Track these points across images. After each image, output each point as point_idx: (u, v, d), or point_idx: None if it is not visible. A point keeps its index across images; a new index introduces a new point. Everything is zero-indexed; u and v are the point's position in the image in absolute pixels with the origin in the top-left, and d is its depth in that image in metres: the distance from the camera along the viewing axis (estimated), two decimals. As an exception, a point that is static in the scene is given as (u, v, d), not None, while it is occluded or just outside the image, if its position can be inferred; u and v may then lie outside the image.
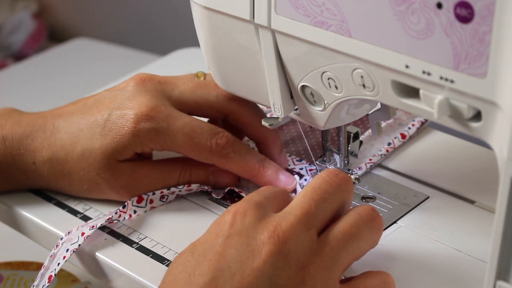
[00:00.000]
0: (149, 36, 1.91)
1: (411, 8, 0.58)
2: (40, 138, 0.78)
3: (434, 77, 0.59)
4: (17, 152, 0.78)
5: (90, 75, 1.63)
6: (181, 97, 0.78)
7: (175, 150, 0.77)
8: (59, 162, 0.77)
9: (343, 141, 0.78)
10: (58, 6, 2.09)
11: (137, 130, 0.75)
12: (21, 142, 0.78)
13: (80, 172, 0.77)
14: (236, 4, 0.69)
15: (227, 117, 0.80)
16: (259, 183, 0.78)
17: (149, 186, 0.77)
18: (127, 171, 0.77)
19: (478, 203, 0.76)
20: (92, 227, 0.74)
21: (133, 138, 0.75)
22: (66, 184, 0.79)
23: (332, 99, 0.70)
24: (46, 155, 0.78)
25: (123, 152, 0.76)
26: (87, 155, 0.76)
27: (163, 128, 0.75)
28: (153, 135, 0.75)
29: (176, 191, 0.78)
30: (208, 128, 0.76)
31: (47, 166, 0.78)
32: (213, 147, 0.76)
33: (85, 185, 0.78)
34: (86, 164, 0.76)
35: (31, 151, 0.78)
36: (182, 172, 0.78)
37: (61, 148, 0.77)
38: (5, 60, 1.95)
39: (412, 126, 0.85)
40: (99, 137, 0.76)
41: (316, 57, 0.67)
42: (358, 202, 0.77)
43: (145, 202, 0.77)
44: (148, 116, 0.75)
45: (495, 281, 0.58)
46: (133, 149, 0.76)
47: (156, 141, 0.76)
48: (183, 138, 0.76)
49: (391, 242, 0.72)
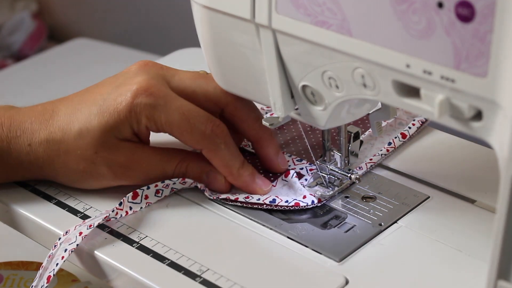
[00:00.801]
0: (149, 36, 1.91)
1: (412, 8, 0.58)
2: (38, 122, 0.78)
3: (435, 77, 0.59)
4: (13, 135, 0.78)
5: (90, 75, 1.63)
6: (180, 84, 0.79)
7: (168, 130, 0.77)
8: (56, 142, 0.78)
9: (343, 141, 0.78)
10: (58, 6, 2.09)
11: (135, 105, 0.75)
12: (18, 127, 0.79)
13: (77, 151, 0.77)
14: (237, 3, 0.69)
15: (223, 111, 0.80)
16: (235, 184, 0.79)
17: (147, 171, 0.78)
18: (127, 150, 0.77)
19: (479, 203, 0.76)
20: (90, 226, 0.74)
21: (130, 112, 0.76)
22: (61, 165, 0.78)
23: (332, 99, 0.70)
24: (43, 135, 0.78)
25: (121, 128, 0.76)
26: (85, 133, 0.76)
27: (160, 105, 0.76)
28: (150, 110, 0.76)
29: (170, 184, 0.78)
30: (205, 114, 0.77)
31: (43, 146, 0.78)
32: (207, 132, 0.76)
33: (81, 164, 0.77)
34: (84, 142, 0.77)
35: (28, 133, 0.78)
36: (180, 163, 0.79)
37: (59, 128, 0.78)
38: (5, 60, 1.96)
39: (413, 125, 0.85)
40: (97, 115, 0.76)
41: (317, 56, 0.67)
42: (358, 202, 0.77)
43: (140, 197, 0.77)
44: (147, 92, 0.76)
45: (496, 280, 0.58)
46: (130, 125, 0.76)
47: (151, 118, 0.76)
48: (179, 117, 0.76)
49: (391, 242, 0.72)
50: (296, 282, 0.69)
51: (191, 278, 0.70)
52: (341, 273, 0.69)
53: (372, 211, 0.76)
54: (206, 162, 0.79)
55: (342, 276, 0.69)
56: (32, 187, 0.82)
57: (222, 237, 0.75)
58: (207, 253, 0.72)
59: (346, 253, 0.71)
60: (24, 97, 1.61)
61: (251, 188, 0.78)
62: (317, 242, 0.73)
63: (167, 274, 0.71)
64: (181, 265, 0.71)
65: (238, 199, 0.77)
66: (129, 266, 0.72)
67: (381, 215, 0.75)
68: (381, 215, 0.75)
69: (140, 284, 0.71)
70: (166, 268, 0.71)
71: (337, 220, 0.75)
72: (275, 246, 0.73)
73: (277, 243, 0.73)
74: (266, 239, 0.74)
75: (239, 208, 0.77)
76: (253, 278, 0.69)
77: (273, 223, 0.75)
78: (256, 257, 0.72)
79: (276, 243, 0.73)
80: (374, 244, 0.72)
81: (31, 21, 2.02)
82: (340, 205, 0.77)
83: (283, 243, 0.73)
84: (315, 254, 0.72)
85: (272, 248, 0.73)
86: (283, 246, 0.73)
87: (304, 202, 0.76)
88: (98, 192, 0.80)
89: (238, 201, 0.77)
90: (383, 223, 0.74)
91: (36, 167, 0.79)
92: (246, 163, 0.79)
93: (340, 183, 0.78)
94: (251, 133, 0.80)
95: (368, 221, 0.74)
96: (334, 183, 0.78)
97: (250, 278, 0.69)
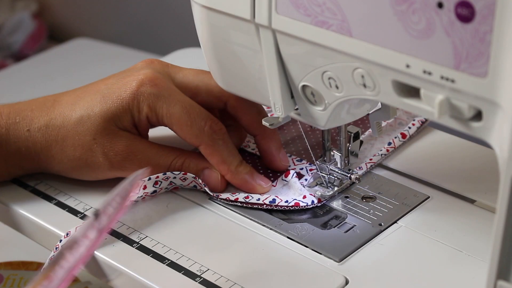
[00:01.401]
0: (149, 36, 1.91)
1: (411, 8, 0.58)
2: (39, 109, 0.79)
3: (435, 77, 0.59)
4: (12, 121, 0.79)
5: (90, 75, 1.62)
6: (184, 79, 0.80)
7: (168, 122, 0.77)
8: (55, 127, 0.78)
9: (343, 141, 0.78)
10: (58, 6, 2.09)
11: (139, 93, 0.77)
12: (18, 114, 0.79)
13: (75, 137, 0.77)
14: (237, 3, 0.69)
15: (226, 105, 0.81)
16: (233, 182, 0.79)
17: (141, 163, 0.78)
18: (124, 140, 0.77)
19: (479, 203, 0.76)
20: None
21: (133, 100, 0.77)
22: (58, 151, 0.78)
23: (332, 99, 0.70)
24: (43, 121, 0.78)
25: (122, 116, 0.77)
26: (86, 119, 0.77)
27: (164, 96, 0.77)
28: (153, 99, 0.76)
29: (170, 177, 0.78)
30: (206, 112, 0.78)
31: (42, 132, 0.78)
32: (206, 128, 0.77)
33: (77, 151, 0.78)
34: (83, 128, 0.77)
35: (28, 120, 0.79)
36: (176, 159, 0.79)
37: (59, 115, 0.78)
38: (5, 60, 1.95)
39: (413, 125, 0.85)
40: (100, 102, 0.77)
41: (317, 56, 0.67)
42: (358, 202, 0.77)
43: (139, 188, 0.77)
44: (152, 82, 0.77)
45: (496, 280, 0.58)
46: (131, 114, 0.77)
47: (153, 108, 0.77)
48: (180, 110, 0.77)
49: (391, 242, 0.72)
50: (296, 282, 0.69)
51: (191, 278, 0.70)
52: (341, 273, 0.69)
53: (372, 211, 0.76)
54: (203, 159, 0.79)
55: (342, 276, 0.69)
56: (32, 188, 0.82)
57: (222, 237, 0.75)
58: (207, 253, 0.72)
59: (346, 253, 0.71)
60: (24, 97, 1.60)
61: (249, 186, 0.78)
62: (317, 242, 0.73)
63: (167, 274, 0.71)
64: (181, 265, 0.71)
65: (238, 199, 0.77)
66: (129, 266, 0.72)
67: (381, 215, 0.75)
68: (381, 215, 0.75)
69: (140, 284, 0.71)
70: (166, 268, 0.71)
71: (337, 220, 0.75)
72: (275, 246, 0.73)
73: (277, 243, 0.73)
74: (266, 239, 0.74)
75: (239, 208, 0.77)
76: (253, 278, 0.69)
77: (273, 223, 0.75)
78: (256, 257, 0.72)
79: (276, 243, 0.73)
80: (374, 244, 0.72)
81: (31, 21, 2.02)
82: (340, 205, 0.77)
83: (283, 243, 0.73)
84: (315, 254, 0.72)
85: (272, 248, 0.73)
86: (283, 246, 0.73)
87: (304, 202, 0.76)
88: (98, 193, 0.80)
89: (238, 201, 0.77)
90: (383, 223, 0.74)
91: (33, 153, 0.79)
92: (245, 162, 0.80)
93: (340, 183, 0.78)
94: (254, 126, 0.81)
95: (368, 221, 0.74)
96: (334, 183, 0.78)
97: (250, 278, 0.69)
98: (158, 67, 0.80)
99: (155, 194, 0.79)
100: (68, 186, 0.81)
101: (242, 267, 0.71)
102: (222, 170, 0.79)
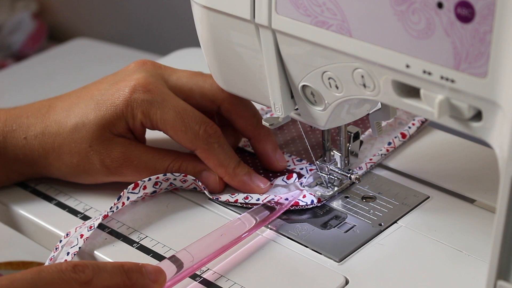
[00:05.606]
0: (149, 36, 1.91)
1: (411, 8, 0.58)
2: (34, 116, 0.79)
3: (435, 77, 0.59)
4: (9, 129, 0.79)
5: (90, 75, 1.62)
6: (177, 82, 0.80)
7: (163, 127, 0.77)
8: (51, 135, 0.78)
9: (343, 141, 0.78)
10: (58, 6, 2.09)
11: (132, 100, 0.76)
12: (14, 121, 0.79)
13: (71, 144, 0.77)
14: (237, 3, 0.70)
15: (220, 108, 0.80)
16: (232, 184, 0.79)
17: (138, 168, 0.78)
18: (120, 146, 0.77)
19: (478, 203, 0.76)
20: (90, 228, 0.74)
21: (126, 107, 0.76)
22: (55, 159, 0.78)
23: (332, 99, 0.70)
24: (39, 129, 0.78)
25: (116, 123, 0.77)
26: (81, 127, 0.77)
27: (157, 101, 0.76)
28: (146, 105, 0.76)
29: (170, 178, 0.78)
30: (200, 115, 0.78)
31: (39, 140, 0.78)
32: (201, 133, 0.77)
33: (74, 158, 0.78)
34: (79, 136, 0.77)
35: (24, 127, 0.79)
36: (173, 162, 0.79)
37: (55, 122, 0.78)
38: (5, 60, 1.96)
39: (412, 125, 0.85)
40: (94, 109, 0.77)
41: (317, 57, 0.67)
42: (358, 202, 0.77)
43: (139, 188, 0.77)
44: (145, 88, 0.77)
45: (496, 280, 0.58)
46: (126, 120, 0.77)
47: (147, 114, 0.76)
48: (174, 115, 0.76)
49: (391, 242, 0.72)
50: (296, 282, 0.69)
51: (191, 278, 0.70)
52: (341, 273, 0.69)
53: (372, 211, 0.76)
54: (200, 162, 0.79)
55: (342, 276, 0.69)
56: (32, 188, 0.82)
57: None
58: (207, 253, 0.72)
59: (346, 253, 0.71)
60: (24, 97, 1.61)
61: (248, 187, 0.78)
62: (317, 242, 0.73)
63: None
64: (181, 265, 0.71)
65: (237, 201, 0.77)
66: (129, 266, 0.72)
67: (381, 215, 0.75)
68: (381, 215, 0.75)
69: (140, 284, 0.71)
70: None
71: (337, 220, 0.75)
72: (275, 246, 0.73)
73: (277, 243, 0.73)
74: (266, 239, 0.74)
75: (239, 208, 0.77)
76: (253, 278, 0.69)
77: (273, 223, 0.75)
78: (256, 257, 0.72)
79: (276, 243, 0.73)
80: (374, 244, 0.72)
81: (31, 21, 2.02)
82: (340, 205, 0.77)
83: (283, 243, 0.73)
84: (315, 254, 0.72)
85: (272, 248, 0.73)
86: (283, 246, 0.73)
87: (303, 202, 0.76)
88: (99, 193, 0.80)
89: (238, 203, 0.77)
90: (383, 223, 0.74)
91: (31, 160, 0.79)
92: (242, 163, 0.79)
93: (340, 183, 0.78)
94: (248, 129, 0.81)
95: (368, 221, 0.74)
96: (334, 183, 0.78)
97: (250, 278, 0.69)
98: (151, 70, 0.79)
99: (154, 195, 0.79)
100: (68, 187, 0.81)
101: (242, 267, 0.71)
102: (220, 173, 0.78)
